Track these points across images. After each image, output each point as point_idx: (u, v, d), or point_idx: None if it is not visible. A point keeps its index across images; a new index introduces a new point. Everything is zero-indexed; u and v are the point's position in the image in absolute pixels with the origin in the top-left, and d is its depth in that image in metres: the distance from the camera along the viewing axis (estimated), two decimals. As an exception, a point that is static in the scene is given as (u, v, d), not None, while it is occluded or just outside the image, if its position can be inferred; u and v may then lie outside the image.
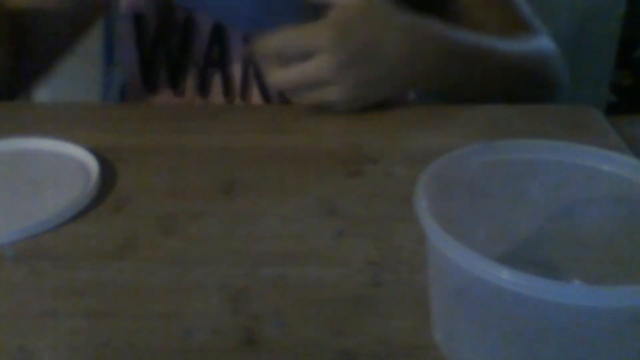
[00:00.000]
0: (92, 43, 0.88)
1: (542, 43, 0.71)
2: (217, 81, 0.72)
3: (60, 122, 0.66)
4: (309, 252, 0.48)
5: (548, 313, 0.33)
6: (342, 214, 0.52)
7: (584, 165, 0.41)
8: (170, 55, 0.72)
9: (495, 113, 0.67)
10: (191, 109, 0.70)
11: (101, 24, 0.84)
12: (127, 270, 0.46)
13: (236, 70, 0.71)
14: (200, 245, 0.49)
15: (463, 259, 0.33)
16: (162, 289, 0.44)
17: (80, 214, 0.52)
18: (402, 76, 0.63)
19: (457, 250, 0.33)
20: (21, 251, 0.48)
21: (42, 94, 1.40)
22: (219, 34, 0.71)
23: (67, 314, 0.42)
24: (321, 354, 0.39)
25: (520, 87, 0.68)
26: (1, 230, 0.49)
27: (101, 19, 0.84)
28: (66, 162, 0.58)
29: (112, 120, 0.68)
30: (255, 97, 0.72)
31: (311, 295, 0.44)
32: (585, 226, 0.42)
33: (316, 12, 0.59)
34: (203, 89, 0.73)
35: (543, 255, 0.43)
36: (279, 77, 0.61)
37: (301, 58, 0.59)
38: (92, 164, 0.56)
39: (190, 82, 0.73)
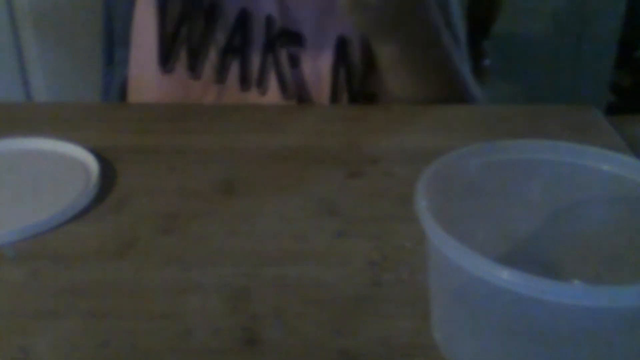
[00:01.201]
0: (92, 43, 0.88)
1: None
2: (235, 68, 0.73)
3: (60, 122, 0.66)
4: (309, 252, 0.48)
5: (548, 313, 0.33)
6: (342, 214, 0.52)
7: (584, 165, 0.41)
8: (191, 37, 0.72)
9: (495, 113, 0.67)
10: (191, 109, 0.70)
11: (101, 24, 0.84)
12: (127, 270, 0.46)
13: (255, 59, 0.72)
14: (200, 245, 0.49)
15: (463, 259, 0.33)
16: (162, 289, 0.44)
17: (80, 214, 0.52)
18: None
19: (457, 250, 0.33)
20: (21, 251, 0.48)
21: (42, 94, 1.41)
22: (243, 21, 0.71)
23: (67, 314, 0.42)
24: (321, 354, 0.39)
25: (439, 85, 0.71)
26: (1, 230, 0.49)
27: (101, 19, 0.84)
28: (66, 162, 0.58)
29: (112, 120, 0.68)
30: (273, 87, 0.72)
31: (311, 295, 0.44)
32: (585, 226, 0.42)
33: None
34: (220, 74, 0.73)
35: (543, 255, 0.43)
36: None
37: None
38: (92, 164, 0.56)
39: (208, 67, 0.73)
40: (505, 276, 0.31)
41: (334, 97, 0.71)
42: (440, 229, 0.34)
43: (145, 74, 0.74)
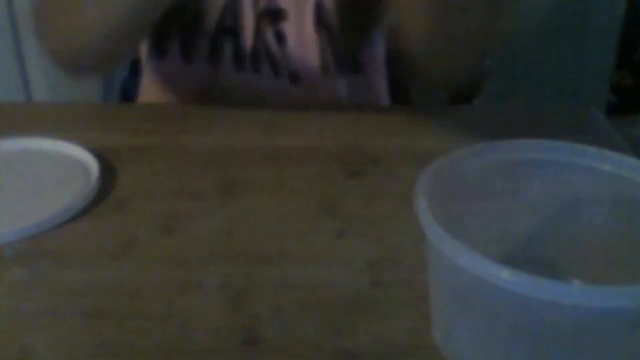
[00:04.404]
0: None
1: None
2: (228, 50, 0.72)
3: (60, 122, 0.66)
4: (309, 252, 0.48)
5: (548, 313, 0.33)
6: (342, 214, 0.52)
7: (584, 165, 0.41)
8: (182, 21, 0.72)
9: (495, 113, 0.67)
10: (191, 109, 0.70)
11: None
12: (127, 270, 0.46)
13: (247, 38, 0.72)
14: (200, 245, 0.49)
15: (463, 259, 0.33)
16: (162, 289, 0.44)
17: (80, 214, 0.52)
18: None
19: (457, 250, 0.33)
20: (21, 251, 0.48)
21: (42, 94, 1.41)
22: (233, 2, 0.71)
23: (67, 314, 0.42)
24: (321, 354, 0.39)
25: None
26: (1, 230, 0.49)
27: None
28: (66, 162, 0.58)
29: (112, 120, 0.68)
30: (266, 66, 0.72)
31: (311, 295, 0.44)
32: (585, 226, 0.42)
33: None
34: (214, 56, 0.73)
35: (543, 255, 0.43)
36: None
37: None
38: (92, 164, 0.56)
39: (201, 50, 0.73)
40: (505, 276, 0.31)
41: (324, 67, 0.71)
42: (440, 229, 0.34)
43: (138, 59, 0.74)
